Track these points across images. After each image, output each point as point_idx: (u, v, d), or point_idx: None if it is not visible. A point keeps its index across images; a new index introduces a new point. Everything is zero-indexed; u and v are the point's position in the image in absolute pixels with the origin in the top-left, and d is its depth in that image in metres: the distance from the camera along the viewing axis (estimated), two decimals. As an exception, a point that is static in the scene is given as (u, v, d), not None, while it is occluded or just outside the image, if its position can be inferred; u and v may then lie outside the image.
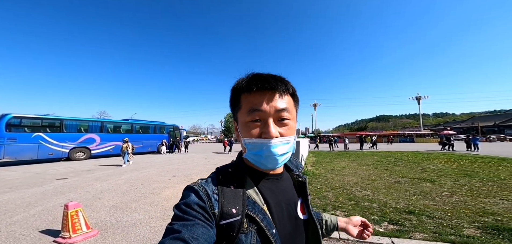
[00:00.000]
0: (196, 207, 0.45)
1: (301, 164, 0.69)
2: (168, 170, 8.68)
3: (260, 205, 0.50)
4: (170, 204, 4.11)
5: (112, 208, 3.90)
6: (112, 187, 5.61)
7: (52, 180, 6.84)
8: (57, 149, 11.92)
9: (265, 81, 0.51)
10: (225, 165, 0.58)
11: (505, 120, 44.63)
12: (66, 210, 2.54)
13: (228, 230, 0.45)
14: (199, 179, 0.53)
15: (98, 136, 13.97)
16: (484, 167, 7.54)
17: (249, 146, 0.51)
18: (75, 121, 13.36)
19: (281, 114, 0.51)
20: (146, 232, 2.91)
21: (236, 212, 0.47)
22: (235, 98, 0.56)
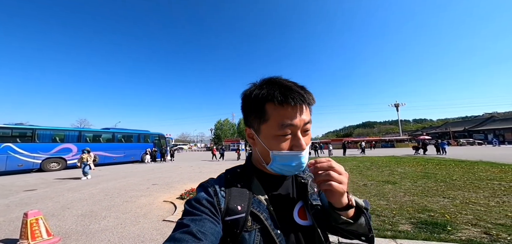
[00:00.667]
0: (205, 202, 0.47)
1: (307, 167, 0.67)
2: (149, 178, 8.54)
3: (266, 205, 0.51)
4: (144, 212, 4.14)
5: (80, 217, 3.86)
6: (84, 197, 5.47)
7: (19, 191, 6.51)
8: (27, 159, 11.34)
9: (298, 95, 0.50)
10: (234, 166, 0.61)
11: (474, 126, 48.76)
12: (26, 218, 2.56)
13: (232, 227, 0.47)
14: (210, 178, 0.57)
15: (75, 145, 13.43)
16: (443, 169, 8.28)
17: (278, 158, 0.51)
18: (50, 130, 12.81)
19: (307, 126, 0.52)
20: (112, 238, 2.96)
21: (241, 209, 0.48)
22: (257, 107, 0.52)
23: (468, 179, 6.21)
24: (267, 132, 0.51)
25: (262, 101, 0.51)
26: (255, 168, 0.58)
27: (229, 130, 63.40)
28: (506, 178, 6.13)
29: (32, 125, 12.75)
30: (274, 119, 0.50)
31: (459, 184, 5.57)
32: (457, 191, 4.87)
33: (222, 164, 14.98)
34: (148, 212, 4.14)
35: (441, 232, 2.70)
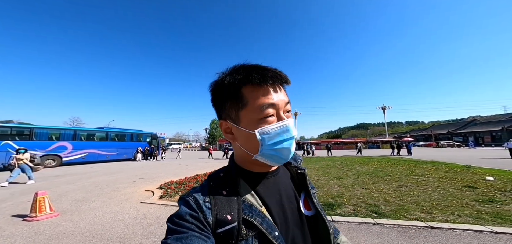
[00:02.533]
0: (189, 218, 0.42)
1: (299, 156, 0.63)
2: (137, 174, 9.49)
3: (258, 208, 0.46)
4: (126, 197, 5.12)
5: (73, 201, 4.83)
6: (78, 188, 6.42)
7: (17, 184, 7.37)
8: None
9: (275, 74, 0.47)
10: (217, 170, 0.53)
11: (457, 128, 51.14)
12: (36, 196, 3.54)
13: (226, 238, 0.42)
14: (191, 188, 0.50)
15: (70, 143, 14.28)
16: (393, 167, 9.55)
17: (267, 138, 0.45)
18: (46, 129, 13.65)
19: (287, 107, 0.50)
20: (98, 213, 3.94)
21: (231, 218, 0.43)
22: (234, 93, 0.47)
23: (401, 174, 7.44)
24: (249, 117, 0.47)
25: (238, 85, 0.47)
26: (240, 168, 0.51)
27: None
28: (433, 173, 7.39)
29: (29, 124, 13.49)
30: (254, 101, 0.46)
31: (388, 178, 6.78)
32: (379, 183, 6.07)
33: (209, 161, 15.97)
34: (130, 197, 5.14)
35: (330, 209, 3.83)
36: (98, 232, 3.08)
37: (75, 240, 2.84)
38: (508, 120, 43.59)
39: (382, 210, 3.75)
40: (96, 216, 3.80)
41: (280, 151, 0.47)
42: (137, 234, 3.02)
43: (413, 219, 3.23)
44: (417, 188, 5.38)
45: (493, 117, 52.54)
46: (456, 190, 5.03)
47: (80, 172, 10.49)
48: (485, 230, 2.71)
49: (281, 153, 0.48)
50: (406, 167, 9.45)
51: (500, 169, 8.32)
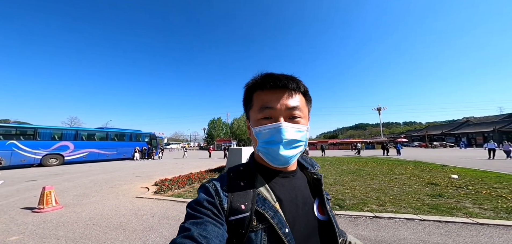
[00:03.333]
0: (206, 204, 0.46)
1: (317, 163, 0.67)
2: (134, 172, 10.01)
3: (271, 202, 0.49)
4: (123, 193, 5.66)
5: (75, 196, 5.37)
6: (78, 185, 6.94)
7: (22, 181, 7.87)
8: (29, 155, 12.69)
9: (276, 79, 0.52)
10: (237, 164, 0.59)
11: (450, 129, 52.19)
12: (43, 190, 4.07)
13: (237, 227, 0.45)
14: (211, 177, 0.59)
15: (72, 143, 14.86)
16: (377, 166, 10.18)
17: (260, 134, 0.51)
18: (49, 129, 14.18)
19: (292, 112, 0.52)
20: (97, 206, 4.49)
21: (245, 208, 0.46)
22: (247, 96, 0.57)
23: (379, 173, 8.05)
24: (253, 117, 0.54)
25: (250, 90, 0.56)
26: (258, 164, 0.56)
27: (222, 129, 64.70)
28: (408, 172, 8.01)
29: (32, 124, 14.06)
30: (256, 103, 0.53)
31: (366, 177, 7.38)
32: (356, 181, 6.66)
33: (205, 161, 16.51)
34: (127, 193, 5.69)
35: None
36: (98, 221, 3.63)
37: (79, 227, 3.38)
38: (500, 121, 44.60)
39: (346, 204, 4.32)
40: (96, 209, 4.34)
41: (271, 150, 0.50)
42: (131, 222, 3.57)
43: (365, 211, 3.81)
44: (387, 185, 5.98)
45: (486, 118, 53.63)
46: (419, 187, 5.63)
47: (79, 170, 10.98)
48: (415, 218, 3.30)
49: (273, 152, 0.50)
50: (388, 167, 10.07)
51: (471, 168, 8.98)
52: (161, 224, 3.44)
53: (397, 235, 2.81)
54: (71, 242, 2.82)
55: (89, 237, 2.98)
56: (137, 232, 3.16)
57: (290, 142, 0.51)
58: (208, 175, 8.45)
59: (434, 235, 2.76)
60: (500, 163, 11.33)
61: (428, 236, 2.76)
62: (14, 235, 3.04)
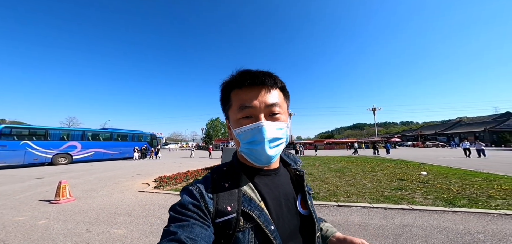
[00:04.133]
0: (191, 207, 0.45)
1: (299, 159, 0.68)
2: (134, 171, 10.69)
3: (257, 201, 0.50)
4: (126, 188, 6.35)
5: (84, 191, 6.06)
6: (84, 182, 7.62)
7: (30, 179, 8.53)
8: (41, 154, 13.56)
9: (254, 77, 0.51)
10: (220, 164, 0.59)
11: (444, 129, 53.47)
12: (60, 184, 4.76)
13: (224, 228, 0.45)
14: (194, 180, 0.73)
15: (80, 143, 15.79)
16: (361, 165, 10.97)
17: (242, 136, 0.51)
18: (59, 130, 15.20)
19: (272, 109, 0.52)
20: (104, 198, 5.19)
21: (231, 209, 0.47)
22: (225, 96, 0.56)
23: (360, 171, 8.84)
24: (232, 117, 0.54)
25: (227, 89, 0.55)
26: (242, 164, 0.57)
27: (221, 129, 65.37)
28: (386, 170, 8.79)
29: (43, 126, 14.88)
30: (235, 103, 0.53)
31: (348, 174, 8.16)
32: (337, 178, 7.42)
33: (203, 160, 17.20)
34: (129, 188, 6.39)
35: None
36: (107, 209, 4.34)
37: (92, 214, 4.08)
38: (491, 121, 45.85)
39: (320, 196, 5.05)
40: (104, 200, 5.04)
41: (254, 151, 0.51)
42: (135, 210, 4.29)
43: (332, 201, 4.55)
44: (362, 180, 6.74)
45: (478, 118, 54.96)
46: (388, 182, 6.39)
47: (82, 169, 11.64)
48: (368, 206, 4.05)
49: (256, 153, 0.51)
50: (372, 165, 10.86)
51: (444, 166, 9.80)
52: (161, 211, 4.16)
53: (348, 219, 3.55)
54: (89, 225, 3.52)
55: (102, 221, 3.69)
56: (141, 217, 3.87)
57: (272, 140, 0.51)
58: (205, 172, 9.16)
59: (375, 218, 3.50)
60: (473, 161, 12.24)
61: (370, 218, 3.50)
62: (41, 220, 3.74)
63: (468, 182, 6.03)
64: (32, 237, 3.04)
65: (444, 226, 3.12)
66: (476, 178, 6.62)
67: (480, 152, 14.25)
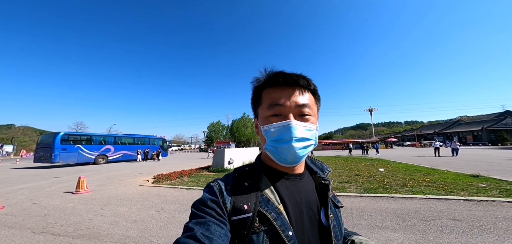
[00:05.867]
0: (210, 203, 0.47)
1: (328, 167, 0.66)
2: (137, 170, 12.24)
3: (275, 204, 0.48)
4: (131, 184, 7.82)
5: (96, 185, 7.57)
6: (96, 179, 9.17)
7: (51, 177, 10.14)
8: (88, 155, 16.94)
9: (287, 77, 0.52)
10: (243, 165, 0.59)
11: (442, 128, 53.56)
12: (80, 179, 6.27)
13: (239, 227, 0.45)
14: (216, 177, 0.55)
15: (113, 146, 19.23)
16: (341, 163, 12.20)
17: (269, 133, 0.51)
18: (98, 136, 18.68)
19: (302, 110, 0.52)
20: (113, 190, 6.66)
21: (247, 208, 0.46)
22: (256, 94, 0.57)
23: (337, 168, 9.97)
24: (261, 114, 0.55)
25: (259, 88, 0.56)
26: (265, 165, 0.56)
27: (222, 131, 67.04)
28: (358, 167, 9.98)
29: (88, 133, 18.66)
30: (265, 101, 0.54)
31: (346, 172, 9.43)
32: None
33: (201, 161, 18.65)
34: (132, 183, 7.88)
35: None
36: (114, 197, 5.79)
37: (103, 200, 5.53)
38: (490, 120, 45.85)
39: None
40: (112, 192, 6.52)
41: (280, 149, 0.51)
42: (135, 197, 5.73)
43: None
44: (333, 176, 7.96)
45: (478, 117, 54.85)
46: (344, 177, 7.64)
47: (92, 170, 13.26)
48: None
49: (281, 151, 0.50)
50: (348, 164, 12.07)
51: (408, 164, 10.96)
52: (154, 198, 5.59)
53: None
54: (102, 206, 4.97)
55: (111, 204, 5.13)
56: (139, 201, 5.30)
57: (300, 140, 0.50)
58: (198, 171, 10.59)
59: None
60: (438, 159, 13.35)
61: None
62: (69, 204, 5.22)
63: (407, 175, 7.26)
64: (65, 213, 4.50)
65: (351, 206, 4.42)
66: (419, 173, 7.82)
67: (454, 151, 15.22)
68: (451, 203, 4.14)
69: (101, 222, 3.84)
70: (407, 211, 3.79)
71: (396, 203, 4.27)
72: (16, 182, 8.67)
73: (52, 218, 4.09)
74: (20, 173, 12.23)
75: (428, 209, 3.80)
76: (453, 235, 2.78)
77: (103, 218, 4.04)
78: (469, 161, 12.24)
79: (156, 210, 4.48)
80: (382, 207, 4.08)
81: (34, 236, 3.27)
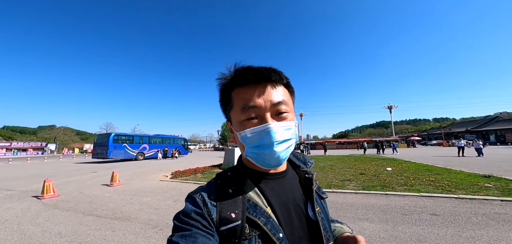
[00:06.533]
0: (194, 215, 0.44)
1: (309, 159, 0.64)
2: (158, 168, 13.64)
3: (263, 208, 0.47)
4: (153, 179, 8.97)
5: (125, 180, 8.82)
6: (124, 175, 10.56)
7: (89, 172, 11.90)
8: (131, 153, 20.94)
9: (257, 73, 0.48)
10: (225, 170, 0.56)
11: (477, 126, 48.18)
12: (113, 173, 7.51)
13: (229, 237, 0.44)
14: (198, 187, 0.52)
15: (148, 145, 22.57)
16: (349, 163, 12.18)
17: (247, 139, 0.48)
18: (138, 137, 22.79)
19: (278, 107, 0.49)
20: (138, 184, 7.78)
21: (235, 216, 0.45)
22: (225, 96, 0.53)
23: (344, 167, 10.23)
24: (235, 118, 0.50)
25: (227, 88, 0.51)
26: (247, 168, 0.54)
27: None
28: (364, 166, 10.01)
29: (131, 134, 22.28)
30: (237, 103, 0.49)
31: (331, 170, 9.65)
32: (321, 172, 8.90)
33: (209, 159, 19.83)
34: (154, 178, 9.04)
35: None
36: (141, 190, 6.85)
37: (131, 192, 6.59)
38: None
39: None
40: (138, 185, 7.65)
41: (262, 155, 0.48)
42: (156, 190, 6.72)
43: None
44: (334, 175, 8.18)
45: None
46: (350, 175, 7.85)
47: (120, 166, 15.05)
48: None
49: (263, 157, 0.48)
50: (357, 163, 12.01)
51: (421, 163, 10.58)
52: (172, 191, 6.52)
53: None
54: (131, 196, 6.00)
55: (138, 195, 6.15)
56: (160, 193, 6.26)
57: (281, 142, 0.48)
58: (210, 169, 11.54)
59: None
60: (460, 159, 12.52)
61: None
62: (106, 194, 6.37)
63: (413, 175, 7.23)
64: (104, 201, 5.58)
65: (343, 201, 4.78)
66: (428, 172, 7.69)
67: (478, 151, 14.03)
68: (440, 200, 4.29)
69: (131, 208, 4.78)
70: (392, 206, 4.07)
71: (387, 200, 4.53)
72: (63, 176, 10.43)
73: (95, 204, 5.16)
74: (66, 168, 14.43)
75: (414, 205, 4.04)
76: (421, 227, 3.07)
77: (132, 206, 4.99)
78: (496, 161, 11.34)
79: (173, 200, 5.35)
80: (371, 203, 4.39)
81: (84, 217, 4.28)
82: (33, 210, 4.67)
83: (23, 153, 46.95)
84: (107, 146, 18.78)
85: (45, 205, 5.11)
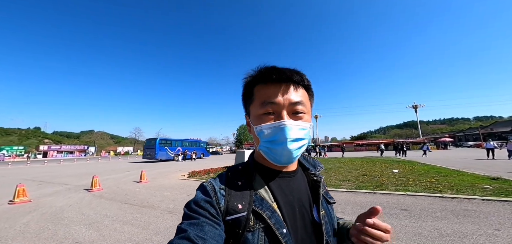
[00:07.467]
0: (203, 204, 0.46)
1: (320, 164, 0.66)
2: (177, 168, 15.28)
3: (269, 202, 0.49)
4: (173, 177, 10.37)
5: (151, 178, 10.35)
6: (150, 174, 12.22)
7: (121, 171, 13.94)
8: (170, 154, 25.55)
9: (280, 73, 0.51)
10: (236, 164, 0.58)
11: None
12: (142, 172, 9.04)
13: (233, 227, 0.45)
14: (210, 177, 0.56)
15: (182, 148, 27.58)
16: (358, 164, 12.17)
17: (262, 133, 0.51)
18: (174, 141, 27.52)
19: (295, 107, 0.51)
20: (161, 181, 9.16)
21: (241, 208, 0.47)
22: (248, 90, 0.56)
23: (352, 169, 10.41)
24: (254, 112, 0.54)
25: (250, 84, 0.55)
26: (258, 163, 0.57)
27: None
28: (371, 168, 10.03)
29: (169, 138, 27.35)
30: (257, 98, 0.53)
31: (340, 171, 9.98)
32: (328, 173, 9.46)
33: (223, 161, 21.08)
34: (174, 177, 10.43)
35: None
36: (162, 186, 8.15)
37: (156, 187, 7.91)
38: None
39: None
40: (161, 182, 9.02)
41: (274, 150, 0.51)
42: (176, 187, 7.95)
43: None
44: (340, 176, 8.50)
45: None
46: (352, 177, 8.13)
47: (146, 167, 17.10)
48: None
49: (275, 153, 0.51)
50: (368, 165, 11.92)
51: (434, 166, 10.16)
52: (187, 187, 7.68)
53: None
54: (155, 191, 7.28)
55: (161, 190, 7.42)
56: (178, 189, 7.46)
57: (294, 140, 0.50)
58: (223, 170, 12.61)
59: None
60: (485, 162, 11.44)
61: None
62: (136, 189, 7.80)
63: (417, 177, 7.26)
64: (135, 193, 6.93)
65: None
66: (437, 174, 7.59)
67: (510, 153, 12.58)
68: (422, 198, 4.58)
69: (155, 200, 5.98)
70: (372, 202, 4.50)
71: (373, 197, 4.94)
72: (103, 174, 12.52)
73: (129, 196, 6.51)
74: (104, 168, 16.99)
75: (393, 202, 4.41)
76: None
77: (156, 198, 6.20)
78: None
79: (187, 194, 6.45)
80: (355, 200, 4.86)
81: (121, 205, 5.57)
82: (86, 199, 6.17)
83: (70, 155, 54.89)
84: (154, 149, 23.14)
85: (94, 195, 6.63)
